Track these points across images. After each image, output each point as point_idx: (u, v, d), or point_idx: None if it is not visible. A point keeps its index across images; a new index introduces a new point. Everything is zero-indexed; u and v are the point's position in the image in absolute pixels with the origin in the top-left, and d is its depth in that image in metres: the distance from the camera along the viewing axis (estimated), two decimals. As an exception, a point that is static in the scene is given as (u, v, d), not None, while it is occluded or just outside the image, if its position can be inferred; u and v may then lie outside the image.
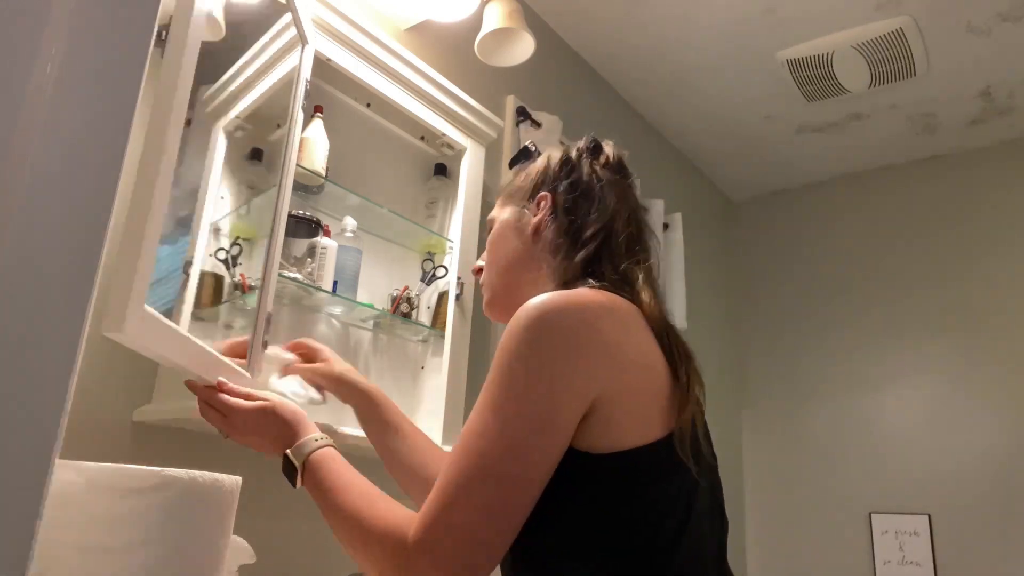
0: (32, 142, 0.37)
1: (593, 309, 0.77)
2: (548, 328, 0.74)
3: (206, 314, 1.25)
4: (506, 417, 0.71)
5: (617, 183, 0.98)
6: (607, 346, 0.75)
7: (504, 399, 0.72)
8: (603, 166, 0.99)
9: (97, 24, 0.41)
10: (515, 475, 0.70)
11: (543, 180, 0.99)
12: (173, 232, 1.22)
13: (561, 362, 0.72)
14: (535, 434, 0.71)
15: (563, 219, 0.94)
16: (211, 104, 1.24)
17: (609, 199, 0.95)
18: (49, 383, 0.38)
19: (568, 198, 0.96)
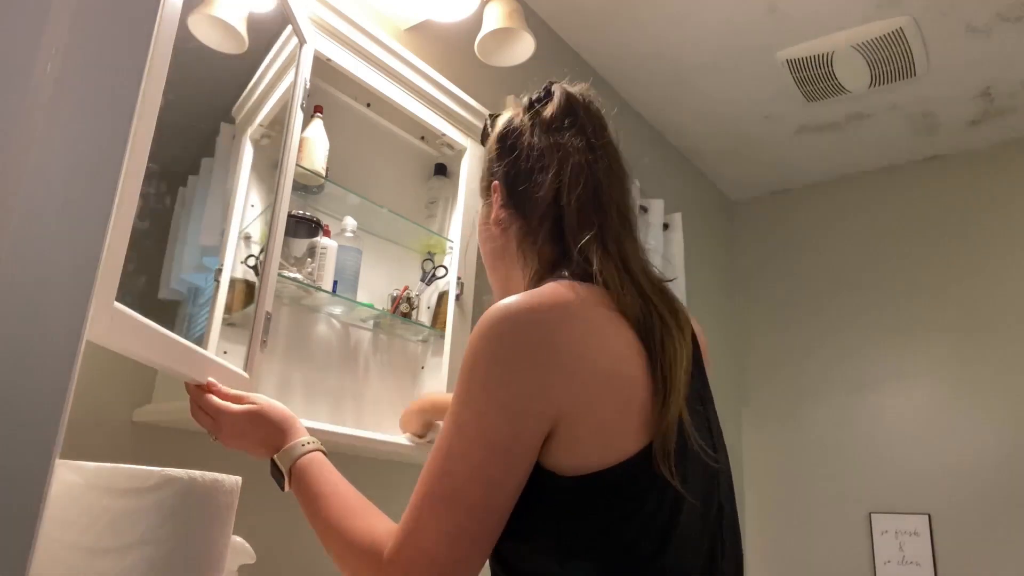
0: (32, 142, 0.37)
1: (549, 318, 0.70)
2: (501, 342, 0.69)
3: (237, 319, 1.25)
4: (467, 439, 0.69)
5: (556, 142, 0.84)
6: (566, 361, 0.69)
7: (465, 419, 0.69)
8: (543, 125, 0.86)
9: (97, 24, 0.41)
10: (480, 501, 0.67)
11: (489, 166, 0.91)
12: (220, 244, 1.24)
13: (517, 383, 0.68)
14: (496, 457, 0.67)
15: (516, 206, 0.86)
16: (240, 114, 1.25)
17: (549, 165, 0.83)
18: (49, 383, 0.38)
19: (513, 180, 0.86)
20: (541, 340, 0.69)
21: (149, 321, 0.84)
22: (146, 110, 0.77)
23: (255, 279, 1.28)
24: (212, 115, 1.18)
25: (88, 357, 0.93)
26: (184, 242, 1.12)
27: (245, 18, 1.17)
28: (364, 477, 1.55)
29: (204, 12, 1.07)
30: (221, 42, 1.13)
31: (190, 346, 0.96)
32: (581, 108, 0.88)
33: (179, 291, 1.14)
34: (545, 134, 0.85)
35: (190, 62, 0.83)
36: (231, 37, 1.15)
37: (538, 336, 0.69)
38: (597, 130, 0.87)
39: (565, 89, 0.89)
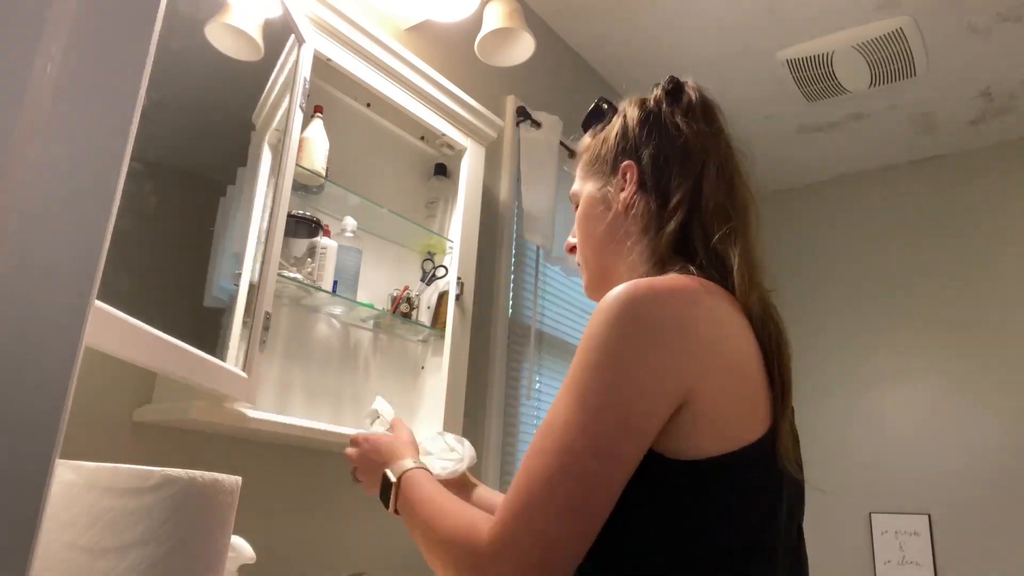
0: (32, 142, 0.37)
1: (684, 302, 0.71)
2: (637, 320, 0.68)
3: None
4: (592, 411, 0.66)
5: (702, 132, 0.86)
6: (699, 345, 0.69)
7: (590, 391, 0.66)
8: (685, 113, 0.87)
9: (97, 24, 0.41)
10: (600, 473, 0.65)
11: (624, 146, 0.89)
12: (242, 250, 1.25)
13: (652, 358, 0.67)
14: (622, 431, 0.65)
15: (652, 190, 0.85)
16: (259, 120, 1.25)
17: (695, 155, 0.84)
18: (49, 383, 0.38)
19: (655, 164, 0.85)
20: (677, 322, 0.69)
21: (127, 316, 0.81)
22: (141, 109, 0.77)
23: None
24: (241, 125, 1.19)
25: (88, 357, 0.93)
26: (223, 252, 1.14)
27: (260, 25, 1.17)
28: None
29: (220, 21, 1.07)
30: (239, 50, 1.13)
31: (183, 346, 0.95)
32: (712, 105, 0.90)
33: (221, 299, 1.15)
34: (688, 121, 0.86)
35: (212, 72, 0.82)
36: (247, 45, 1.15)
37: (675, 317, 0.69)
38: (724, 129, 0.90)
39: (697, 84, 0.91)
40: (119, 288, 0.76)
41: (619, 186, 0.87)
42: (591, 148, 0.93)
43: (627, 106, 0.92)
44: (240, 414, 1.16)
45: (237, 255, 1.20)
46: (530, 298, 2.13)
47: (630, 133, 0.89)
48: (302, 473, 1.44)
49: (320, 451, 1.45)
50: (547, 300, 2.22)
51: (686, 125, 0.86)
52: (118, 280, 0.74)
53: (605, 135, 0.92)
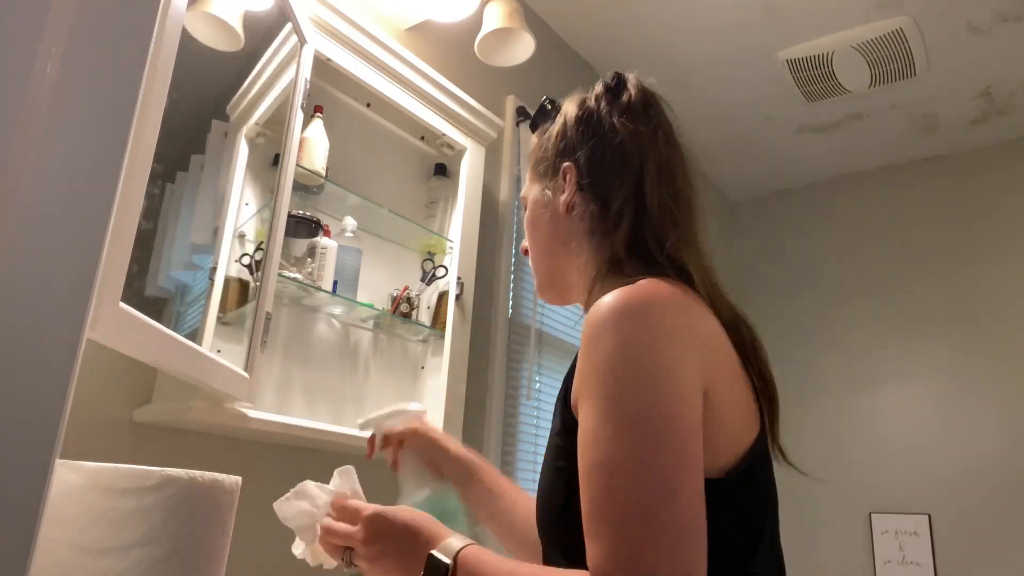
0: (32, 142, 0.37)
1: (681, 306, 0.69)
2: (649, 327, 0.65)
3: (231, 318, 1.25)
4: (652, 427, 0.62)
5: (638, 132, 0.83)
6: (705, 347, 0.68)
7: (638, 409, 0.62)
8: (622, 112, 0.85)
9: (97, 24, 0.41)
10: (686, 484, 0.61)
11: (563, 147, 0.87)
12: (211, 243, 1.23)
13: (678, 363, 0.65)
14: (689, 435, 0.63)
15: (591, 191, 0.83)
16: (235, 112, 1.24)
17: (633, 156, 0.81)
18: (49, 383, 0.38)
19: (591, 164, 0.83)
20: (684, 326, 0.68)
21: (154, 322, 0.84)
22: (149, 110, 0.77)
23: (249, 278, 1.27)
24: (203, 112, 1.17)
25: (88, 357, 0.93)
26: (173, 240, 1.10)
27: (241, 16, 1.16)
28: (364, 478, 1.55)
29: (199, 9, 1.07)
30: (216, 39, 1.13)
31: (194, 347, 0.96)
32: (654, 100, 0.87)
33: (167, 289, 1.12)
34: (625, 121, 0.83)
35: (182, 58, 0.82)
36: (226, 34, 1.14)
37: (680, 322, 0.68)
38: (671, 126, 0.87)
39: (639, 79, 0.89)
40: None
41: (559, 188, 0.86)
42: (535, 150, 0.92)
43: (568, 105, 0.90)
44: (240, 414, 1.16)
45: (197, 247, 1.19)
46: (530, 298, 2.13)
47: (568, 133, 0.87)
48: (302, 473, 1.43)
49: (320, 451, 1.45)
50: (547, 300, 2.22)
51: (622, 124, 0.83)
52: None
53: (547, 136, 0.90)
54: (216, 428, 1.23)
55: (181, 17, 0.82)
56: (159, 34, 0.79)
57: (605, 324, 0.66)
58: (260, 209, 1.35)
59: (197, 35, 1.06)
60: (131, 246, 0.75)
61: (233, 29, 1.15)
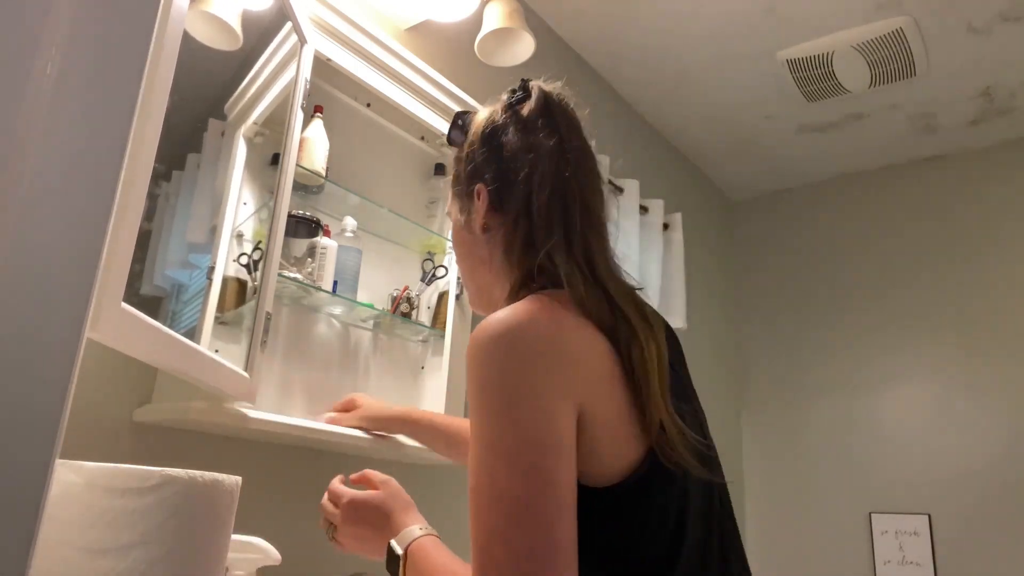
0: (32, 142, 0.37)
1: (545, 326, 0.70)
2: (513, 352, 0.67)
3: (229, 318, 1.25)
4: (513, 452, 0.64)
5: (529, 143, 0.82)
6: (573, 362, 0.69)
7: (502, 436, 0.65)
8: (523, 124, 0.83)
9: (97, 24, 0.41)
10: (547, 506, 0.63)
11: (471, 169, 0.87)
12: (208, 242, 1.23)
13: (543, 384, 0.66)
14: (551, 458, 0.64)
15: (501, 210, 0.83)
16: (232, 111, 1.24)
17: (522, 168, 0.81)
18: (49, 383, 0.38)
19: (498, 183, 0.83)
20: (547, 344, 0.69)
21: (156, 322, 0.84)
22: (151, 110, 0.77)
23: (247, 278, 1.27)
24: (199, 110, 1.17)
25: (88, 356, 0.93)
26: (169, 238, 1.10)
27: (239, 15, 1.16)
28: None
29: (198, 8, 1.07)
30: (214, 38, 1.13)
31: (195, 347, 0.96)
32: (556, 108, 0.85)
33: (162, 287, 1.12)
34: (522, 134, 0.83)
35: (180, 57, 0.82)
36: (225, 33, 1.14)
37: (543, 341, 0.69)
38: (569, 131, 0.85)
39: (541, 88, 0.87)
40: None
41: (475, 209, 0.86)
42: (453, 166, 0.92)
43: (476, 120, 0.89)
44: (240, 414, 1.16)
45: (193, 246, 1.19)
46: (530, 298, 2.13)
47: (476, 154, 0.86)
48: (302, 473, 1.44)
49: (320, 451, 1.45)
50: (547, 300, 2.22)
51: (519, 138, 0.82)
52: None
53: (460, 155, 0.90)
54: (216, 428, 1.23)
55: (182, 17, 0.82)
56: (160, 35, 0.79)
57: (472, 352, 0.69)
58: (258, 209, 1.35)
59: (195, 34, 1.06)
60: (133, 246, 0.75)
61: (231, 28, 1.15)
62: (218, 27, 1.13)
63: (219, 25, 1.13)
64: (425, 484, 1.67)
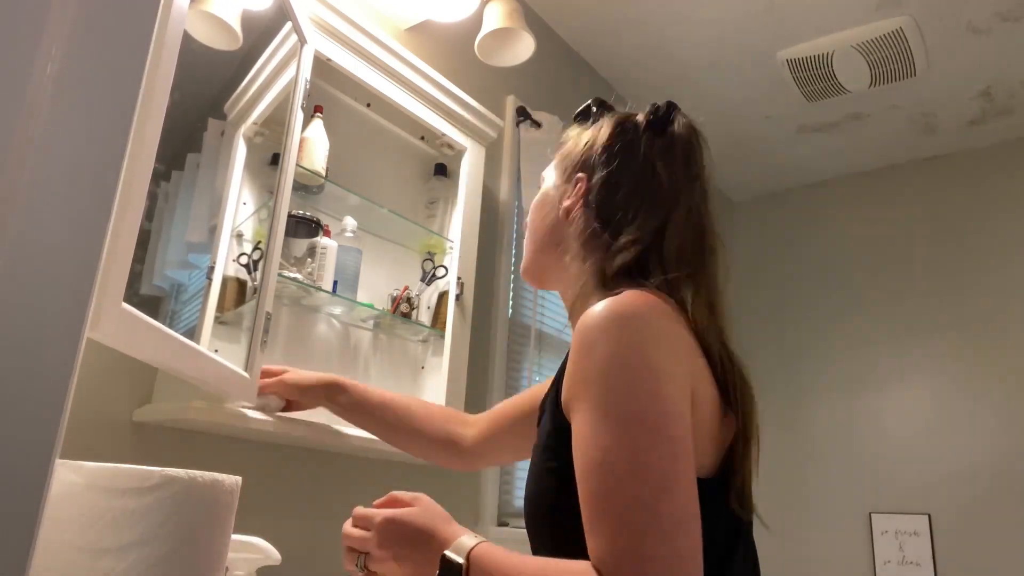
0: (32, 142, 0.37)
1: (668, 314, 0.72)
2: (641, 331, 0.69)
3: (229, 318, 1.25)
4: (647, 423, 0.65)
5: (678, 176, 0.83)
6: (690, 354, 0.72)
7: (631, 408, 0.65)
8: (663, 151, 0.84)
9: (97, 24, 0.41)
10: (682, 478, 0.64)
11: (586, 159, 0.88)
12: (207, 241, 1.23)
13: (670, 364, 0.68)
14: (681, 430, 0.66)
15: (594, 212, 0.84)
16: (232, 111, 1.24)
17: (665, 197, 0.82)
18: (49, 383, 0.38)
19: (604, 191, 0.84)
20: (672, 331, 0.71)
21: (156, 322, 0.84)
22: (151, 110, 0.77)
23: (247, 277, 1.27)
24: (199, 110, 1.17)
25: (88, 356, 0.93)
26: (168, 238, 1.10)
27: (239, 15, 1.16)
28: (364, 477, 1.55)
29: (198, 8, 1.07)
30: (214, 38, 1.13)
31: (195, 347, 0.96)
32: (699, 143, 0.88)
33: (162, 287, 1.12)
34: (664, 163, 0.84)
35: (179, 56, 0.82)
36: (225, 33, 1.14)
37: (668, 328, 0.71)
38: (705, 171, 0.87)
39: (688, 119, 0.89)
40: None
41: (567, 193, 0.88)
42: (566, 145, 0.93)
43: (607, 120, 0.90)
44: (240, 414, 1.16)
45: (193, 245, 1.19)
46: (530, 298, 2.13)
47: (595, 148, 0.88)
48: (302, 473, 1.44)
49: (320, 451, 1.45)
50: (547, 300, 2.22)
51: (663, 166, 0.84)
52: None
53: (579, 138, 0.91)
54: (216, 428, 1.23)
55: (183, 17, 0.82)
56: (160, 35, 0.79)
57: (597, 332, 0.69)
58: (258, 209, 1.35)
59: (195, 33, 1.06)
60: (133, 246, 0.75)
61: (231, 28, 1.15)
62: (218, 27, 1.13)
63: (219, 25, 1.13)
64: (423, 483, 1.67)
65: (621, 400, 0.66)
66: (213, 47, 1.14)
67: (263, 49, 1.28)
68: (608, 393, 0.67)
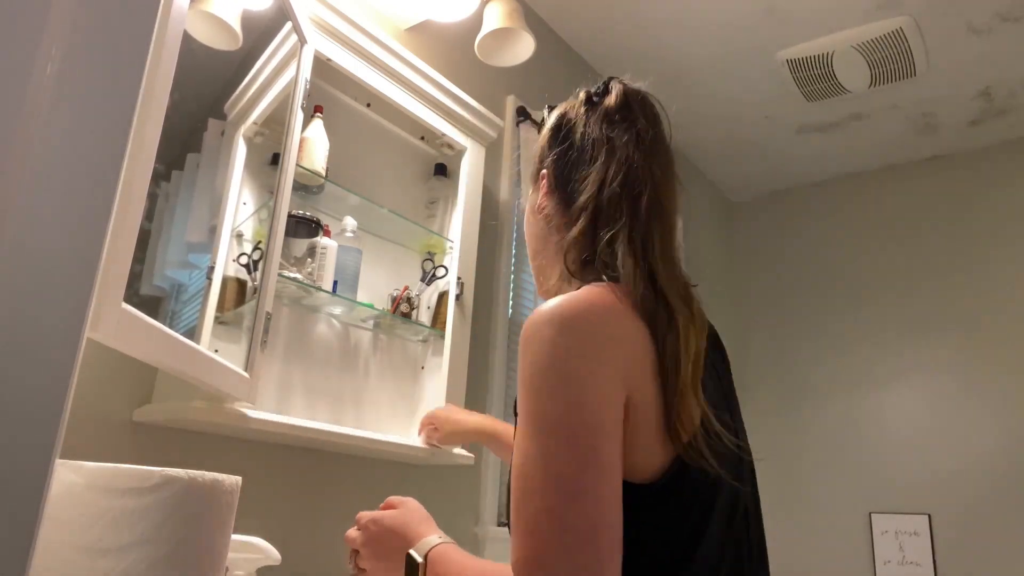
0: (32, 142, 0.37)
1: (603, 314, 0.70)
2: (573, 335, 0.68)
3: (229, 318, 1.25)
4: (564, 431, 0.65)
5: (608, 136, 0.83)
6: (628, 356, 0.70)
7: (552, 415, 0.66)
8: (601, 117, 0.86)
9: (97, 24, 0.41)
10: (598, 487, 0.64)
11: (542, 155, 0.90)
12: (207, 241, 1.23)
13: (599, 370, 0.67)
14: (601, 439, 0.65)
15: (558, 194, 0.86)
16: (232, 111, 1.24)
17: (597, 156, 0.82)
18: (49, 383, 0.38)
19: (559, 168, 0.86)
20: (602, 331, 0.70)
21: (156, 322, 0.84)
22: (151, 110, 0.77)
23: (247, 277, 1.27)
24: (199, 110, 1.17)
25: (88, 357, 0.93)
26: (168, 238, 1.10)
27: (239, 15, 1.16)
28: (364, 477, 1.55)
29: (198, 7, 1.07)
30: (214, 38, 1.13)
31: (195, 347, 0.96)
32: (637, 104, 0.88)
33: (162, 287, 1.12)
34: (598, 126, 0.85)
35: (179, 56, 0.83)
36: (225, 33, 1.14)
37: (599, 328, 0.70)
38: (648, 126, 0.86)
39: (624, 84, 0.90)
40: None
41: (539, 193, 0.90)
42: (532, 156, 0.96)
43: (554, 112, 0.93)
44: (240, 414, 1.16)
45: (193, 245, 1.19)
46: (530, 298, 2.13)
47: (544, 141, 0.91)
48: (302, 473, 1.44)
49: (320, 451, 1.45)
50: (547, 300, 2.22)
51: (594, 129, 0.85)
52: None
53: (536, 144, 0.94)
54: (216, 428, 1.23)
55: (183, 17, 0.82)
56: (160, 34, 0.79)
57: (529, 334, 0.70)
58: (258, 209, 1.35)
59: (195, 33, 1.06)
60: (133, 246, 0.75)
61: (231, 28, 1.15)
62: (218, 27, 1.13)
63: (219, 25, 1.13)
64: (423, 483, 1.67)
65: (541, 408, 0.67)
66: (213, 47, 1.14)
67: (263, 49, 1.28)
68: (530, 399, 0.68)
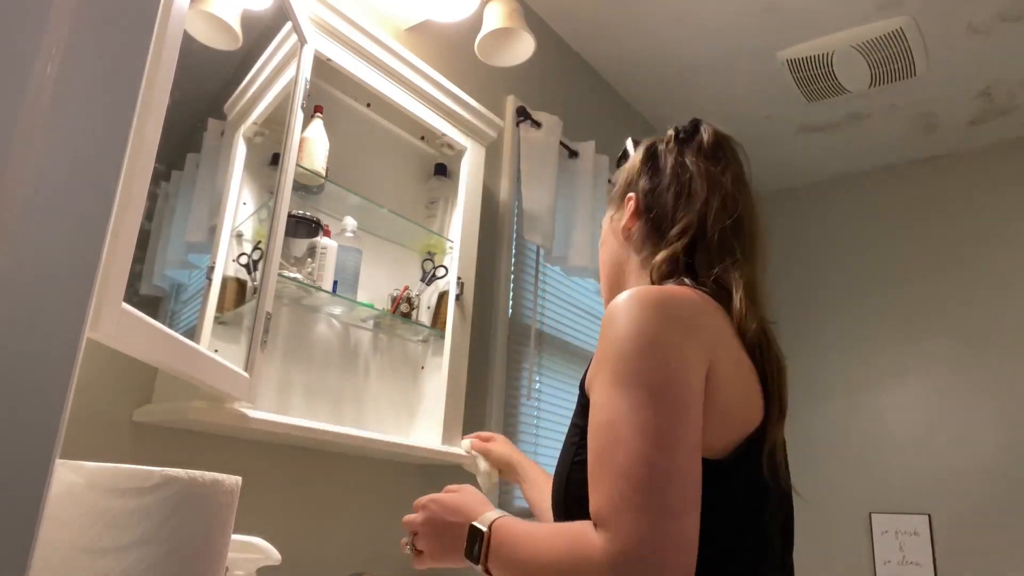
0: (32, 142, 0.37)
1: (692, 302, 0.78)
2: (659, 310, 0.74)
3: (229, 318, 1.25)
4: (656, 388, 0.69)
5: (708, 171, 0.93)
6: (711, 336, 0.76)
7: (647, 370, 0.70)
8: (695, 153, 0.95)
9: (97, 24, 0.41)
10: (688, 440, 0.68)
11: (629, 181, 0.99)
12: (207, 241, 1.23)
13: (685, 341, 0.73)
14: (690, 398, 0.70)
15: (646, 217, 0.94)
16: (232, 111, 1.24)
17: (697, 190, 0.91)
18: (49, 383, 0.38)
19: (649, 194, 0.95)
20: (692, 314, 0.76)
21: (156, 322, 0.84)
22: (151, 110, 0.77)
23: (247, 277, 1.27)
24: (199, 110, 1.17)
25: (88, 356, 0.93)
26: (168, 238, 1.10)
27: (239, 15, 1.16)
28: (364, 477, 1.55)
29: (198, 8, 1.07)
30: (214, 38, 1.13)
31: (195, 347, 0.96)
32: (728, 146, 0.97)
33: (161, 287, 1.12)
34: (695, 162, 0.93)
35: (179, 56, 0.83)
36: (224, 33, 1.14)
37: (689, 312, 0.76)
38: (741, 169, 0.97)
39: (713, 126, 0.99)
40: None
41: (622, 216, 0.97)
42: (615, 186, 1.03)
43: (639, 146, 1.02)
44: (240, 414, 1.16)
45: (192, 245, 1.19)
46: (530, 298, 2.13)
47: (634, 169, 0.99)
48: (302, 473, 1.44)
49: (320, 451, 1.45)
50: (547, 300, 2.22)
51: (693, 164, 0.93)
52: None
53: (622, 172, 1.02)
54: (216, 428, 1.23)
55: (183, 17, 0.82)
56: (160, 34, 0.79)
57: (618, 309, 0.75)
58: (258, 209, 1.35)
59: (195, 33, 1.06)
60: (133, 246, 0.75)
61: (231, 28, 1.15)
62: (218, 27, 1.13)
63: (219, 25, 1.13)
64: (423, 483, 1.67)
65: (630, 367, 0.71)
66: (213, 47, 1.14)
67: (263, 49, 1.28)
68: (618, 363, 0.72)
